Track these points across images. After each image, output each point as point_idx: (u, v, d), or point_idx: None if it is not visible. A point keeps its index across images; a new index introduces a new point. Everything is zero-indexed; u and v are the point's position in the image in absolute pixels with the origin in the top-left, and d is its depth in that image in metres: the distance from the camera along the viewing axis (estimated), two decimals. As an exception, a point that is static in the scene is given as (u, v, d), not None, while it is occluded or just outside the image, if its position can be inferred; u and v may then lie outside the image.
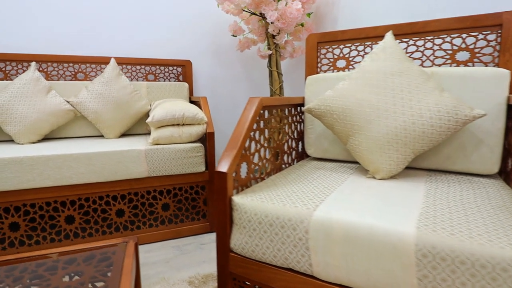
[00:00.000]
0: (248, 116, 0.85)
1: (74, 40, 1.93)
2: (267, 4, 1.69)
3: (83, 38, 1.95)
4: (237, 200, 0.75)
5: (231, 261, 0.77)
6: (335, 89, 0.98)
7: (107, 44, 2.01)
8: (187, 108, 1.57)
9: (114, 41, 2.02)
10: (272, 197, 0.75)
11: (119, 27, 2.02)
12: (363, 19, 1.58)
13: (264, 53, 1.88)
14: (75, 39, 1.93)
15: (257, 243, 0.72)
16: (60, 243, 1.41)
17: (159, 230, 1.57)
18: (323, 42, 1.24)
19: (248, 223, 0.72)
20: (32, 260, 0.75)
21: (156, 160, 1.50)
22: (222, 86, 2.35)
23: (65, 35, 1.91)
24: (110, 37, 2.01)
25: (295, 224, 0.66)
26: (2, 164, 1.27)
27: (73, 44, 1.93)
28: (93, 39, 1.97)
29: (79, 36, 1.94)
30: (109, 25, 1.99)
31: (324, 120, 1.00)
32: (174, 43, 2.17)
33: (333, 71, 1.26)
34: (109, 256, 0.78)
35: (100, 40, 1.99)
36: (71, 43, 1.93)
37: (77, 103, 1.72)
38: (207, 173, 1.62)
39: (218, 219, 0.77)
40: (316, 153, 1.17)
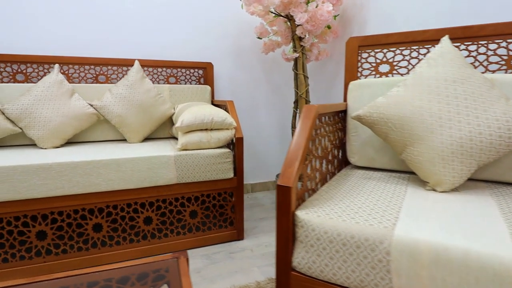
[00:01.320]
0: (307, 125, 0.81)
1: (95, 42, 1.89)
2: (296, 6, 1.65)
3: (104, 40, 1.90)
4: (302, 216, 0.71)
5: (293, 280, 0.73)
6: (388, 96, 0.94)
7: (127, 46, 1.96)
8: (215, 112, 1.53)
9: (135, 43, 1.98)
10: (338, 212, 0.71)
11: (140, 29, 1.97)
12: (396, 23, 1.53)
13: (290, 56, 1.83)
14: (96, 41, 1.89)
15: (327, 263, 0.67)
16: (88, 251, 1.36)
17: (187, 238, 1.52)
18: (365, 46, 1.19)
19: (317, 241, 0.68)
20: (81, 278, 0.71)
21: (185, 166, 1.46)
22: (242, 89, 2.30)
23: (86, 37, 1.86)
24: (131, 39, 1.96)
25: (373, 245, 0.62)
26: (31, 171, 1.23)
27: (94, 46, 1.89)
28: (114, 41, 1.93)
29: (100, 38, 1.89)
30: (130, 27, 1.95)
31: (376, 129, 0.95)
32: (194, 45, 2.13)
33: (375, 76, 1.21)
34: (163, 274, 0.73)
35: (121, 42, 1.94)
36: (92, 45, 1.88)
37: (101, 107, 1.68)
38: (235, 180, 1.57)
39: (279, 236, 0.73)
40: (361, 161, 1.12)
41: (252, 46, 2.27)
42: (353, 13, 1.84)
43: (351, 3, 1.85)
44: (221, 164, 1.52)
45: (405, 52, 1.24)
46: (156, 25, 2.01)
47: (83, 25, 1.85)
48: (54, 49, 1.81)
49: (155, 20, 2.00)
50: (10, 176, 1.21)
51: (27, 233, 1.28)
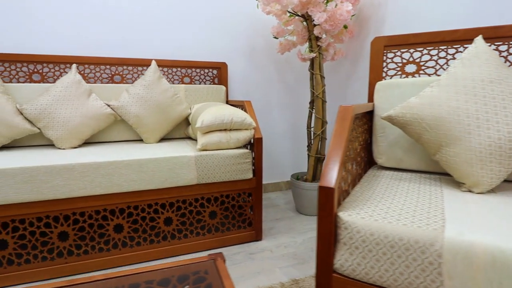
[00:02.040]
0: (345, 126, 0.80)
1: (110, 42, 1.88)
2: (315, 6, 1.64)
3: (118, 40, 1.90)
4: (345, 217, 0.70)
5: (335, 282, 0.72)
6: (422, 96, 0.93)
7: (142, 46, 1.96)
8: (235, 112, 1.52)
9: (150, 43, 1.97)
10: (381, 214, 0.70)
11: (155, 29, 1.97)
12: (416, 23, 1.53)
13: (307, 56, 1.83)
14: (111, 41, 1.88)
15: (373, 265, 0.66)
16: (109, 252, 1.36)
17: (206, 238, 1.52)
18: (391, 45, 1.18)
19: (362, 243, 0.67)
20: (121, 280, 0.70)
21: (206, 167, 1.45)
22: (255, 89, 2.30)
23: (101, 37, 1.86)
24: (146, 39, 1.96)
25: (424, 247, 0.61)
26: (54, 172, 1.22)
27: (109, 46, 1.88)
28: (128, 41, 1.92)
29: (115, 38, 1.89)
30: (144, 27, 1.94)
31: (409, 129, 0.95)
32: (208, 45, 2.12)
33: (401, 76, 1.20)
34: (204, 276, 0.72)
35: (136, 42, 1.94)
36: (107, 45, 1.88)
37: (118, 107, 1.67)
38: (254, 180, 1.56)
39: (320, 237, 0.72)
40: (388, 162, 1.11)
41: (265, 46, 2.26)
42: (370, 12, 1.83)
43: (368, 2, 1.84)
44: (241, 164, 1.52)
45: (432, 52, 1.24)
46: (171, 25, 2.00)
47: (98, 26, 1.84)
48: (70, 49, 1.81)
49: (169, 21, 1.99)
50: (34, 177, 1.20)
51: (49, 234, 1.28)
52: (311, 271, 1.35)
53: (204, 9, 2.07)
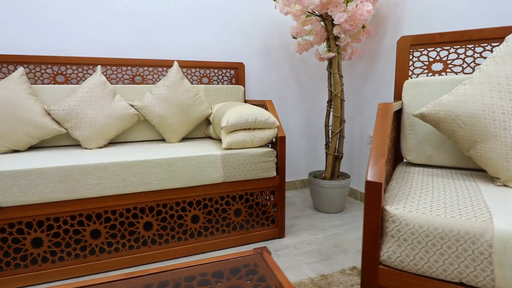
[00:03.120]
0: (386, 123, 0.82)
1: (130, 44, 1.91)
2: (335, 6, 1.66)
3: (139, 42, 1.93)
4: (392, 211, 0.72)
5: (381, 274, 0.75)
6: (455, 94, 0.95)
7: (162, 48, 1.98)
8: (259, 112, 1.55)
9: (169, 44, 2.00)
10: (426, 207, 0.73)
11: (174, 31, 1.99)
12: (434, 23, 1.55)
13: (326, 55, 1.85)
14: (132, 43, 1.91)
15: (422, 256, 0.69)
16: (139, 249, 1.38)
17: (231, 236, 1.54)
18: (417, 44, 1.21)
19: (411, 236, 0.69)
20: (176, 273, 0.73)
21: (231, 165, 1.48)
22: (271, 89, 2.32)
23: (122, 39, 1.89)
24: (165, 41, 1.98)
25: (474, 238, 0.63)
26: (87, 171, 1.25)
27: (130, 48, 1.91)
28: (148, 43, 1.95)
29: (136, 40, 1.92)
30: (164, 29, 1.97)
31: (442, 126, 0.97)
32: (225, 46, 2.15)
33: (427, 75, 1.23)
34: (254, 269, 0.75)
35: (156, 43, 1.97)
36: (128, 47, 1.91)
37: (142, 107, 1.70)
38: (278, 178, 1.59)
39: (367, 231, 0.74)
40: (418, 159, 1.14)
41: (280, 45, 2.29)
42: (388, 12, 1.86)
43: (385, 2, 1.86)
44: (265, 163, 1.54)
45: (459, 51, 1.26)
46: (190, 27, 2.03)
47: (119, 28, 1.87)
48: (92, 51, 1.84)
49: (188, 23, 2.02)
50: (68, 176, 1.23)
51: (82, 232, 1.30)
52: (337, 267, 1.38)
53: (222, 11, 2.09)
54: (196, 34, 2.05)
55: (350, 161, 2.30)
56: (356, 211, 2.02)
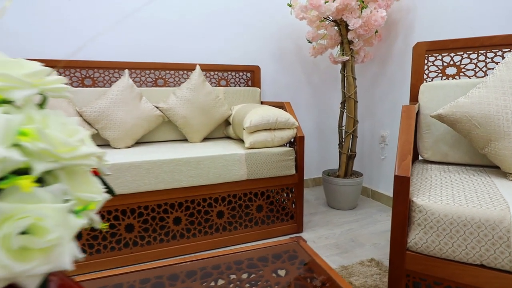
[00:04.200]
0: (410, 123, 0.91)
1: (153, 48, 2.00)
2: (351, 12, 1.75)
3: (161, 47, 2.02)
4: (419, 202, 0.81)
5: (408, 259, 0.83)
6: (470, 96, 1.04)
7: (183, 51, 2.07)
8: (279, 113, 1.63)
9: (190, 48, 2.09)
10: (449, 199, 0.81)
11: (193, 35, 2.08)
12: (445, 29, 1.63)
13: (340, 59, 1.94)
14: (154, 47, 2.00)
15: (447, 242, 0.77)
16: (168, 243, 1.47)
17: (254, 230, 1.63)
18: (432, 50, 1.29)
19: (437, 224, 0.78)
20: (226, 258, 0.82)
21: (254, 163, 1.56)
22: (284, 90, 2.41)
23: (145, 44, 1.98)
24: (186, 45, 2.07)
25: (494, 224, 0.72)
26: (123, 169, 1.34)
27: (152, 52, 2.00)
28: (169, 47, 2.04)
29: (158, 45, 2.01)
30: (184, 35, 2.06)
31: (458, 126, 1.06)
32: (241, 50, 2.24)
33: (442, 78, 1.31)
34: (294, 254, 0.84)
35: (176, 48, 2.06)
36: (151, 51, 2.00)
37: (167, 109, 1.79)
38: (297, 176, 1.68)
39: (395, 220, 0.83)
40: (434, 157, 1.22)
41: (293, 49, 2.38)
42: (399, 17, 1.94)
43: (397, 7, 1.95)
44: (285, 161, 1.63)
45: (472, 56, 1.34)
46: (209, 32, 2.12)
47: (143, 34, 1.96)
48: (117, 56, 1.93)
49: (207, 28, 2.11)
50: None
51: (117, 226, 1.39)
52: (356, 259, 1.46)
53: (239, 17, 2.18)
54: (215, 39, 2.14)
55: (362, 160, 2.39)
56: (369, 208, 2.10)
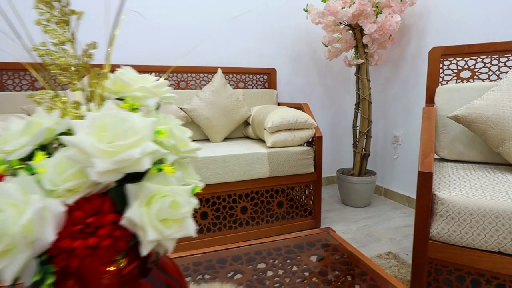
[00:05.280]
0: (431, 124, 0.99)
1: (175, 52, 2.10)
2: (366, 17, 1.83)
3: (183, 52, 2.11)
4: (441, 195, 0.89)
5: (431, 247, 0.91)
6: (485, 99, 1.12)
7: (203, 55, 2.17)
8: (299, 114, 1.72)
9: (210, 52, 2.18)
10: (468, 192, 0.89)
11: (214, 41, 2.17)
12: (458, 33, 1.71)
13: (355, 62, 2.02)
14: (176, 52, 2.10)
15: (467, 231, 0.86)
16: (204, 234, 1.56)
17: (274, 225, 1.72)
18: (447, 54, 1.37)
19: (458, 215, 0.86)
20: (266, 245, 0.90)
21: (276, 162, 1.65)
22: (299, 92, 2.50)
23: (168, 49, 2.07)
24: (206, 49, 2.17)
25: (511, 215, 0.80)
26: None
27: (174, 56, 2.10)
28: (186, 50, 2.13)
29: (179, 50, 2.10)
30: (201, 38, 2.15)
31: (474, 127, 1.13)
32: (257, 53, 2.32)
33: (456, 81, 1.39)
34: (327, 243, 0.92)
35: (197, 52, 2.15)
36: (173, 55, 2.09)
37: (191, 110, 1.88)
38: (315, 174, 1.76)
39: (419, 212, 0.91)
40: (450, 155, 1.30)
41: (308, 52, 2.46)
42: (412, 21, 2.02)
43: (410, 12, 2.02)
44: (304, 160, 1.72)
45: (486, 60, 1.42)
46: (228, 36, 2.21)
47: (165, 39, 2.06)
48: (143, 60, 2.02)
49: (226, 33, 2.20)
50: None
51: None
52: (374, 252, 1.54)
53: (256, 22, 2.27)
54: (234, 44, 2.23)
55: (374, 159, 2.46)
56: (382, 206, 2.18)
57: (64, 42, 0.39)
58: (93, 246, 0.31)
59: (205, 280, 0.73)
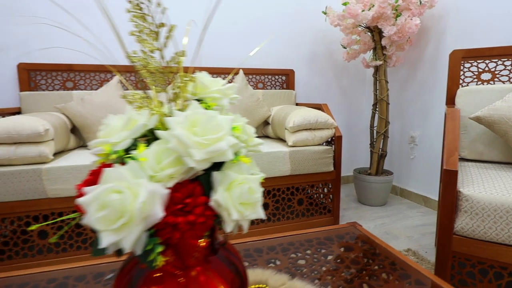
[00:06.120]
0: (455, 124, 1.04)
1: (200, 55, 2.17)
2: (386, 20, 1.87)
3: (206, 53, 2.18)
4: (466, 192, 0.94)
5: (454, 242, 0.96)
6: (506, 100, 1.15)
7: (225, 56, 2.23)
8: (319, 114, 1.77)
9: (231, 54, 2.25)
10: (491, 189, 0.93)
11: (235, 43, 2.24)
12: (476, 36, 1.74)
13: (373, 63, 2.06)
14: (201, 54, 2.17)
15: (491, 226, 0.90)
16: (220, 231, 1.63)
17: (295, 222, 1.77)
18: (468, 57, 1.41)
19: (482, 210, 0.90)
20: (296, 237, 0.96)
21: (297, 160, 1.71)
22: (315, 93, 2.54)
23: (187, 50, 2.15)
24: (228, 51, 2.23)
25: (534, 211, 0.84)
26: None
27: (200, 58, 2.17)
28: (213, 53, 2.20)
29: (204, 52, 2.17)
30: (226, 42, 2.22)
31: (495, 127, 1.17)
32: (278, 55, 2.38)
33: (477, 83, 1.42)
34: (354, 235, 0.97)
35: (219, 54, 2.22)
36: (198, 57, 2.17)
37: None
38: (334, 172, 1.81)
39: (443, 208, 0.96)
40: (470, 155, 1.34)
41: (325, 53, 2.51)
42: (430, 24, 2.05)
43: (429, 15, 2.05)
44: (324, 158, 1.77)
45: (506, 63, 1.45)
46: (248, 39, 2.27)
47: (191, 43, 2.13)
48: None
49: (246, 35, 2.26)
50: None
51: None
52: (392, 249, 1.58)
53: (275, 24, 2.33)
54: (252, 45, 2.29)
55: (391, 159, 2.50)
56: (398, 205, 2.21)
57: (153, 51, 0.45)
58: (192, 222, 0.37)
59: (247, 266, 0.79)
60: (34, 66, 1.84)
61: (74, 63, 1.93)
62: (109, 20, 0.43)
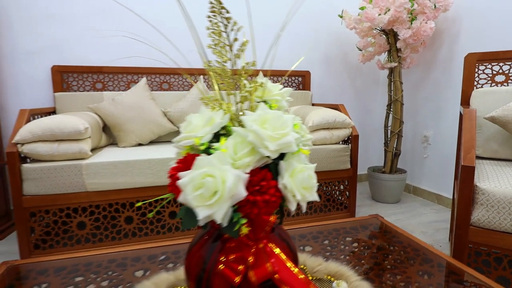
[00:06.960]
0: (472, 124, 1.11)
1: (219, 55, 2.26)
2: (401, 23, 1.95)
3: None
4: (482, 186, 1.01)
5: (471, 232, 1.04)
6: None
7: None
8: (337, 114, 1.85)
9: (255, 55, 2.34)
10: (506, 184, 1.01)
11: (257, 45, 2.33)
12: (489, 39, 1.80)
13: (388, 65, 2.13)
14: (220, 54, 2.26)
15: (506, 217, 0.97)
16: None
17: (312, 217, 1.85)
18: (482, 60, 1.47)
19: (497, 203, 0.98)
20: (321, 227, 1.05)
21: (316, 158, 1.79)
22: (329, 93, 2.62)
23: (212, 51, 2.24)
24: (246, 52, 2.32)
25: (547, 203, 0.91)
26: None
27: (218, 58, 2.26)
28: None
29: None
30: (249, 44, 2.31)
31: (509, 127, 1.24)
32: (294, 56, 2.47)
33: (491, 85, 1.49)
34: (378, 226, 1.06)
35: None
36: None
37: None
38: (351, 170, 1.89)
39: (461, 201, 1.03)
40: (485, 153, 1.41)
41: (339, 55, 2.59)
42: (444, 26, 2.11)
43: (443, 18, 2.12)
44: (342, 157, 1.85)
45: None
46: (267, 41, 2.36)
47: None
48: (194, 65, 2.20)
49: (265, 38, 2.35)
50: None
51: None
52: (408, 243, 1.65)
53: (292, 27, 2.41)
54: (272, 48, 2.38)
55: (404, 158, 2.56)
56: (412, 202, 2.28)
57: (226, 61, 0.54)
58: (267, 201, 0.46)
59: (283, 250, 0.88)
60: (67, 69, 1.95)
61: (104, 65, 2.04)
62: (196, 35, 0.52)
